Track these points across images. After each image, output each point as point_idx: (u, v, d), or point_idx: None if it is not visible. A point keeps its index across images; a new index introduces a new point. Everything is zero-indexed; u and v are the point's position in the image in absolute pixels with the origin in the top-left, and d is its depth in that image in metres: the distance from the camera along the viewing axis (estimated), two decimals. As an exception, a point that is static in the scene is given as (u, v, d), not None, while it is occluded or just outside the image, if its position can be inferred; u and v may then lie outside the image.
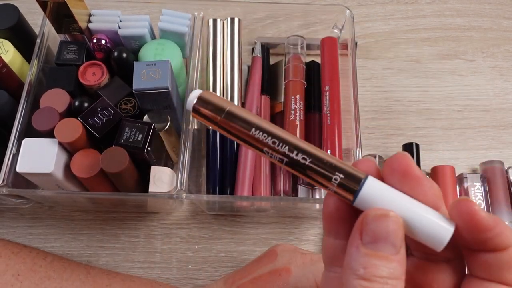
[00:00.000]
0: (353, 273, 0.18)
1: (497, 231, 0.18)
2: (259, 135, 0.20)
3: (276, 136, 0.20)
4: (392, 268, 0.18)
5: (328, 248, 0.21)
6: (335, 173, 0.19)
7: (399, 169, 0.19)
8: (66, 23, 0.42)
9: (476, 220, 0.18)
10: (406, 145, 0.47)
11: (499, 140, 0.51)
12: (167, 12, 0.44)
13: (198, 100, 0.21)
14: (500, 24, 0.57)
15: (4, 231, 0.46)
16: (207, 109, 0.21)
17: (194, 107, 0.21)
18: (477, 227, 0.18)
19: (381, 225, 0.18)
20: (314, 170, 0.20)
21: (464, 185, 0.46)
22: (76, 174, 0.37)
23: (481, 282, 0.19)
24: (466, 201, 0.18)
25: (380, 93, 0.53)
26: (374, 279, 0.17)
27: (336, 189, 0.20)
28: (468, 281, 0.20)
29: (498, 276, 0.19)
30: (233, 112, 0.21)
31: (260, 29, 0.54)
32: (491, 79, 0.54)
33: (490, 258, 0.19)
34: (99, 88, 0.41)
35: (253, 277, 0.36)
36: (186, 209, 0.47)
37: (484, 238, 0.18)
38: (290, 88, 0.46)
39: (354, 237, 0.19)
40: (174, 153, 0.45)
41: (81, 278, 0.39)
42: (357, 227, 0.19)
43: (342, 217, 0.20)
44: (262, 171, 0.44)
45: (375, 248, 0.18)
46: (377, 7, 0.58)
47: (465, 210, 0.18)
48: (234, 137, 0.21)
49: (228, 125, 0.20)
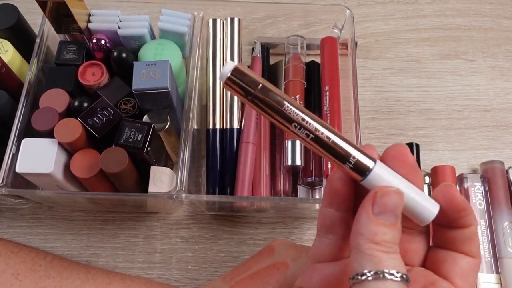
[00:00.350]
0: (364, 237, 0.21)
1: (468, 212, 0.23)
2: (291, 110, 0.22)
3: (306, 113, 0.22)
4: (394, 234, 0.21)
5: (326, 218, 0.24)
6: (351, 155, 0.22)
7: (397, 156, 0.23)
8: (66, 23, 0.42)
9: (456, 202, 0.22)
10: (406, 145, 0.47)
11: (500, 140, 0.51)
12: (167, 12, 0.44)
13: (233, 71, 0.21)
14: (500, 24, 0.57)
15: (3, 231, 0.46)
16: (242, 81, 0.21)
17: (230, 77, 0.21)
18: (455, 207, 0.22)
19: (389, 199, 0.21)
20: (333, 149, 0.22)
21: (464, 185, 0.46)
22: (76, 174, 0.37)
23: (447, 252, 0.24)
24: (449, 186, 0.23)
25: (380, 93, 0.53)
26: (382, 243, 0.21)
27: (349, 169, 0.22)
28: (434, 251, 0.24)
29: (460, 247, 0.23)
30: (268, 86, 0.22)
31: (260, 29, 0.54)
32: (492, 79, 0.54)
33: (456, 233, 0.23)
34: (98, 88, 0.41)
35: (251, 272, 0.37)
36: (186, 209, 0.47)
37: (457, 217, 0.23)
38: (290, 88, 0.46)
39: (366, 208, 0.21)
40: (174, 153, 0.45)
41: (81, 277, 0.39)
42: (369, 199, 0.22)
43: (345, 193, 0.24)
44: (262, 171, 0.44)
45: (383, 218, 0.21)
46: (377, 7, 0.58)
47: (447, 193, 0.23)
48: (264, 111, 0.22)
49: (263, 99, 0.21)
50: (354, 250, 0.21)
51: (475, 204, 0.45)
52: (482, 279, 0.42)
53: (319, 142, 0.22)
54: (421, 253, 0.25)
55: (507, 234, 0.43)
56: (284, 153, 0.44)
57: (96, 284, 0.39)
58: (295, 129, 0.22)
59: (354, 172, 0.22)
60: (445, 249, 0.24)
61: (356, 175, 0.22)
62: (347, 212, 0.24)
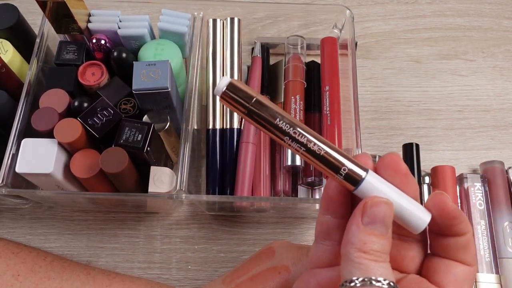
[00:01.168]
0: (354, 246, 0.22)
1: (460, 220, 0.23)
2: (283, 124, 0.22)
3: (298, 127, 0.22)
4: (383, 243, 0.22)
5: (323, 224, 0.25)
6: (343, 165, 0.22)
7: (391, 165, 0.23)
8: (66, 23, 0.42)
9: (447, 210, 0.23)
10: (406, 145, 0.47)
11: (500, 140, 0.51)
12: (166, 12, 0.44)
13: (228, 86, 0.22)
14: (500, 24, 0.57)
15: (3, 231, 0.46)
16: (237, 95, 0.22)
17: (225, 91, 0.22)
18: (447, 215, 0.23)
19: (379, 209, 0.22)
20: (326, 160, 0.23)
21: (464, 185, 0.46)
22: (76, 174, 0.37)
23: (441, 259, 0.24)
24: (440, 194, 0.23)
25: (380, 93, 0.53)
26: (371, 252, 0.21)
27: (341, 179, 0.23)
28: (430, 259, 0.25)
29: (455, 255, 0.24)
30: (261, 101, 0.22)
31: (260, 29, 0.54)
32: (492, 79, 0.54)
33: (451, 241, 0.23)
34: (98, 88, 0.41)
35: (251, 274, 0.36)
36: (186, 209, 0.47)
37: (450, 225, 0.23)
38: (290, 88, 0.46)
39: (356, 218, 0.22)
40: (174, 153, 0.45)
41: (81, 279, 0.39)
42: (359, 210, 0.22)
43: (341, 200, 0.24)
44: (262, 171, 0.44)
45: (372, 228, 0.22)
46: (377, 7, 0.58)
47: (438, 201, 0.23)
48: (258, 124, 0.23)
49: (256, 113, 0.22)
50: (344, 258, 0.22)
51: (475, 204, 0.45)
52: (482, 279, 0.42)
53: (312, 154, 0.22)
54: (417, 261, 0.25)
55: (507, 234, 0.43)
56: (284, 153, 0.44)
57: (96, 286, 0.39)
58: (287, 141, 0.22)
59: (346, 182, 0.23)
60: (441, 257, 0.24)
61: (349, 185, 0.23)
62: (344, 219, 0.24)
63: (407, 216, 0.23)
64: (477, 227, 0.44)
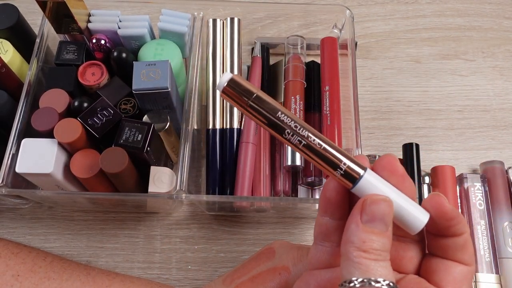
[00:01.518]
0: (353, 245, 0.21)
1: (457, 221, 0.23)
2: (284, 117, 0.23)
3: (299, 122, 0.23)
4: (383, 242, 0.22)
5: (321, 226, 0.25)
6: (342, 162, 0.23)
7: (387, 167, 0.23)
8: (66, 23, 0.42)
9: (444, 211, 0.23)
10: (406, 145, 0.47)
11: (499, 140, 0.51)
12: (166, 12, 0.44)
13: (230, 82, 0.23)
14: (500, 24, 0.57)
15: (3, 231, 0.46)
16: (238, 91, 0.23)
17: (226, 87, 0.23)
18: (444, 216, 0.23)
19: (378, 207, 0.22)
20: (324, 156, 0.23)
21: (464, 185, 0.46)
22: (76, 174, 0.37)
23: (440, 260, 0.24)
24: (437, 195, 0.23)
25: (380, 93, 0.53)
26: (371, 251, 0.21)
27: (340, 176, 0.23)
28: (429, 259, 0.25)
29: (453, 255, 0.24)
30: (262, 96, 0.23)
31: (260, 29, 0.54)
32: (492, 79, 0.54)
33: (449, 241, 0.24)
34: (98, 88, 0.41)
35: (252, 275, 0.36)
36: (186, 209, 0.47)
37: (447, 225, 0.23)
38: (290, 88, 0.46)
39: (355, 217, 0.22)
40: (174, 153, 0.45)
41: (81, 279, 0.39)
42: (358, 208, 0.22)
43: (339, 201, 0.24)
44: (262, 171, 0.44)
45: (372, 226, 0.22)
46: (377, 7, 0.58)
47: (436, 202, 0.23)
48: (258, 118, 0.23)
49: (257, 107, 0.23)
50: (343, 258, 0.22)
51: (475, 204, 0.45)
52: (482, 279, 0.42)
53: (311, 149, 0.23)
54: (415, 261, 0.25)
55: (507, 234, 0.43)
56: (284, 153, 0.44)
57: (96, 286, 0.39)
58: (288, 135, 0.23)
59: (344, 179, 0.23)
60: (439, 257, 0.24)
61: (347, 182, 0.23)
62: (342, 220, 0.24)
63: (405, 216, 0.23)
64: (477, 227, 0.44)
